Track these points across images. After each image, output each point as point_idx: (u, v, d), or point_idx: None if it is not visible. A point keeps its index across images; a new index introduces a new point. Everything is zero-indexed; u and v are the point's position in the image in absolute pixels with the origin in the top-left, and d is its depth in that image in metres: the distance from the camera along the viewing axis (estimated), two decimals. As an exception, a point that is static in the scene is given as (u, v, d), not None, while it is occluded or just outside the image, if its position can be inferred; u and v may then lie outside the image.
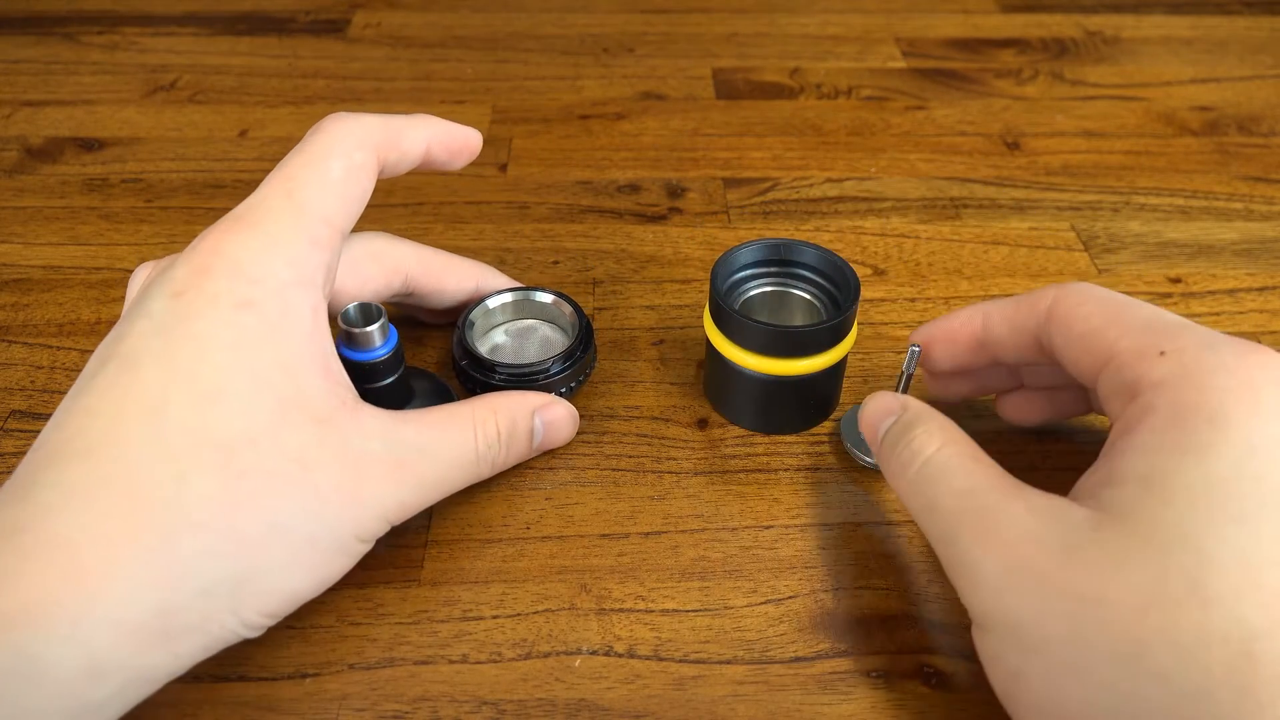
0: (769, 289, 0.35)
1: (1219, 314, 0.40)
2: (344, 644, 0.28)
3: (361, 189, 0.30)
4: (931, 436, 0.27)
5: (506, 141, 0.52)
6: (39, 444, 0.24)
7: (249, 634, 0.25)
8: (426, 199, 0.47)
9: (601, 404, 0.36)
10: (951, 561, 0.25)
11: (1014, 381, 0.33)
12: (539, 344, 0.36)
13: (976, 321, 0.30)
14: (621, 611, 0.29)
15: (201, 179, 0.48)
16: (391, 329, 0.30)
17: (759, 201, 0.47)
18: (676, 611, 0.29)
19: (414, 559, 0.30)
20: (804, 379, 0.32)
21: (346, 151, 0.29)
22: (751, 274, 0.35)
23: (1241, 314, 0.40)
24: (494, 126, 0.53)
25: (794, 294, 0.35)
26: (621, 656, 0.28)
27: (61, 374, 0.37)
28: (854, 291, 0.32)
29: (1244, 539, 0.20)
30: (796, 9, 0.67)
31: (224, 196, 0.47)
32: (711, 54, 0.61)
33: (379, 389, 0.31)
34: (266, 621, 0.25)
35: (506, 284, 0.36)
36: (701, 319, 0.40)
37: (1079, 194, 0.48)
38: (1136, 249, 0.44)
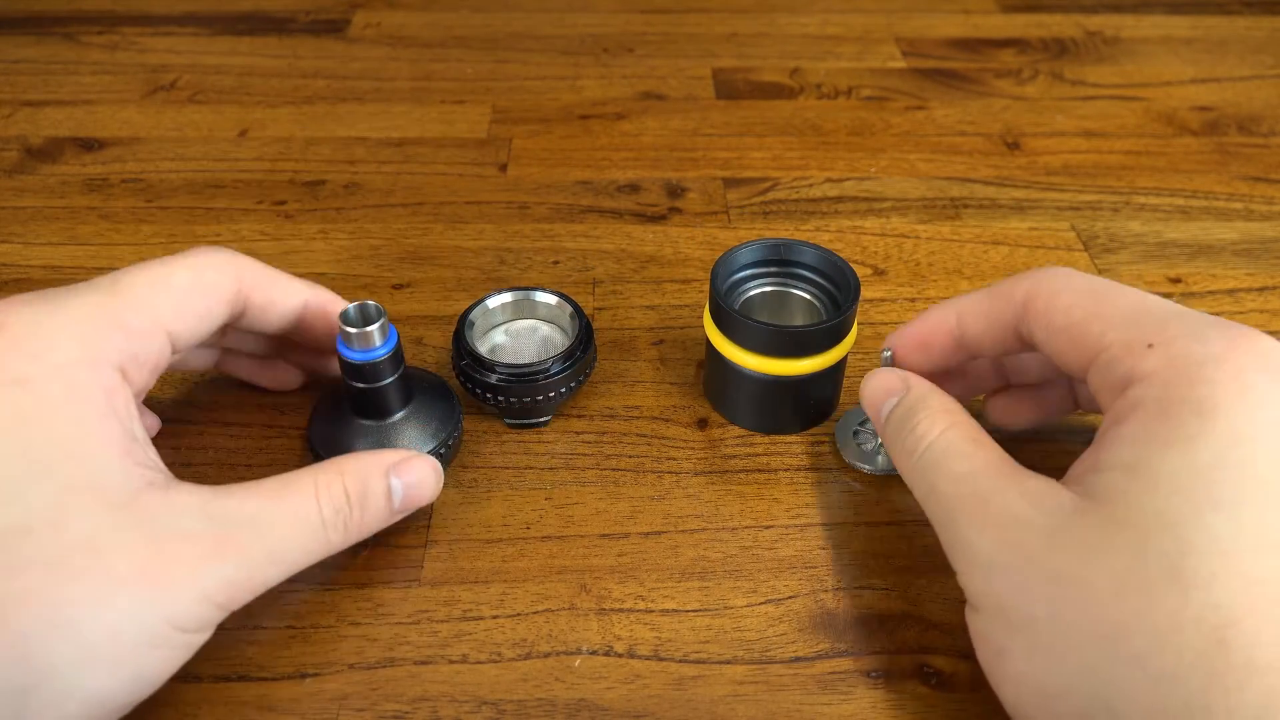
0: (769, 289, 0.35)
1: (1219, 314, 0.40)
2: (344, 644, 0.28)
3: (205, 306, 0.28)
4: (934, 421, 0.27)
5: (506, 141, 0.52)
6: None
7: None
8: (426, 199, 0.47)
9: (601, 404, 0.36)
10: (949, 543, 0.25)
11: (1000, 379, 0.33)
12: (539, 344, 0.36)
13: (950, 320, 0.29)
14: (621, 611, 0.29)
15: (201, 179, 0.48)
16: (391, 329, 0.30)
17: (759, 201, 0.47)
18: (676, 611, 0.29)
19: (414, 559, 0.30)
20: (804, 379, 0.32)
21: (198, 268, 0.28)
22: (751, 274, 0.35)
23: (1241, 314, 0.40)
24: (494, 126, 0.53)
25: (794, 294, 0.35)
26: (621, 656, 0.28)
27: (61, 374, 0.37)
28: (854, 292, 0.32)
29: (1224, 526, 0.20)
30: (796, 9, 0.67)
31: (224, 196, 0.47)
32: (711, 54, 0.61)
33: (379, 389, 0.31)
34: None
35: (335, 300, 0.32)
36: (701, 319, 0.40)
37: (1079, 194, 0.48)
38: (1136, 249, 0.44)
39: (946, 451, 0.26)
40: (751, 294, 0.35)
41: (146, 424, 0.33)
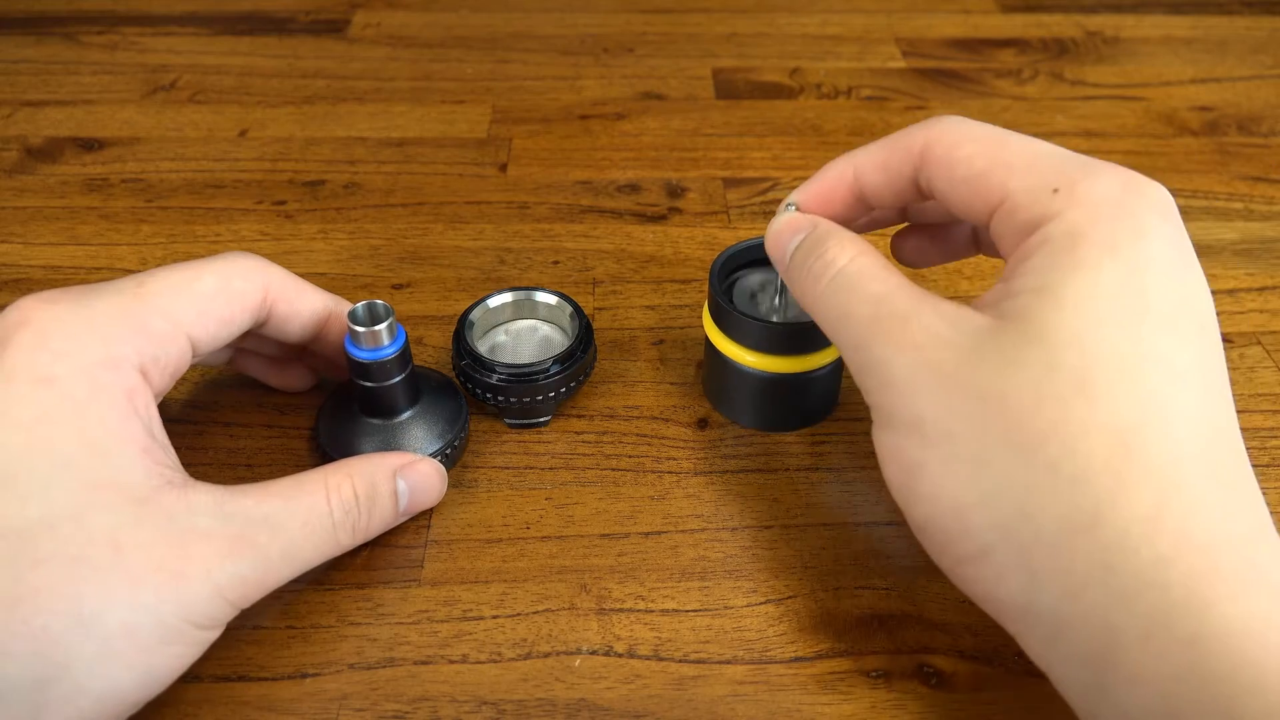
0: (766, 284, 0.35)
1: (1219, 314, 0.40)
2: (344, 644, 0.28)
3: (229, 313, 0.28)
4: (844, 248, 0.27)
5: (506, 141, 0.52)
6: None
7: None
8: (426, 199, 0.47)
9: (601, 404, 0.36)
10: (862, 365, 0.25)
11: (901, 221, 0.33)
12: (539, 344, 0.36)
13: (849, 174, 0.29)
14: (621, 611, 0.29)
15: (201, 179, 0.48)
16: (399, 328, 0.30)
17: (759, 201, 0.47)
18: (676, 611, 0.29)
19: (414, 559, 0.30)
20: (803, 376, 0.32)
21: (226, 275, 0.28)
22: (750, 272, 0.35)
23: (1241, 314, 0.40)
24: (494, 126, 0.53)
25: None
26: (621, 656, 0.28)
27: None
28: None
29: (1126, 342, 0.22)
30: (796, 9, 0.67)
31: (224, 196, 0.47)
32: (711, 54, 0.61)
33: (387, 388, 0.31)
34: None
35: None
36: (701, 319, 0.40)
37: (1079, 194, 0.48)
38: (1136, 249, 0.44)
39: (860, 274, 0.26)
40: (748, 290, 0.35)
41: None
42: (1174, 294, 0.23)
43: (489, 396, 0.33)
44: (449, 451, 0.32)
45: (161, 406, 0.34)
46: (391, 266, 0.42)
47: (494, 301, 0.36)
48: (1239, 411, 0.23)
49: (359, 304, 0.30)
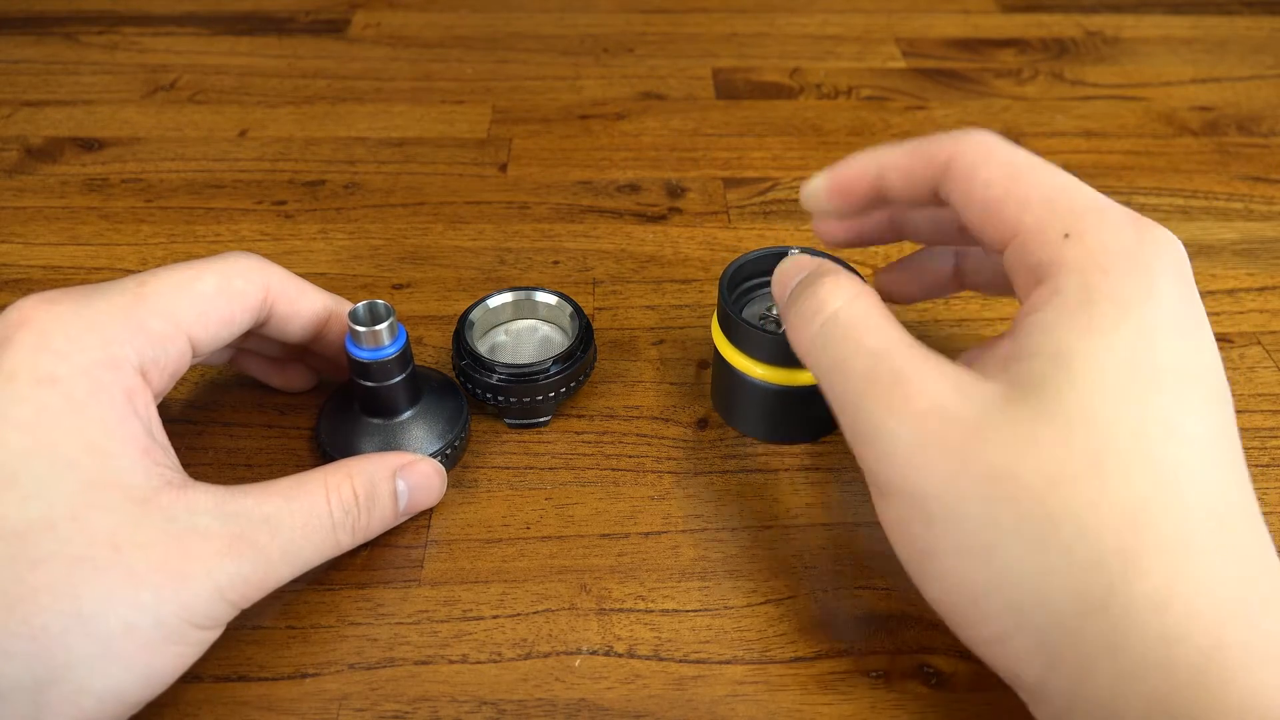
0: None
1: (1219, 314, 0.40)
2: (344, 644, 0.28)
3: (230, 314, 0.28)
4: (840, 288, 0.26)
5: (506, 141, 0.52)
6: None
7: None
8: (426, 199, 0.47)
9: (601, 404, 0.36)
10: (857, 429, 0.24)
11: (892, 233, 0.32)
12: (539, 344, 0.36)
13: (872, 172, 0.28)
14: (621, 611, 0.29)
15: (201, 179, 0.48)
16: (400, 328, 0.30)
17: (759, 201, 0.47)
18: (676, 611, 0.29)
19: (414, 559, 0.30)
20: (814, 389, 0.32)
21: (226, 275, 0.28)
22: (759, 283, 0.35)
23: (1241, 314, 0.40)
24: (494, 126, 0.53)
25: None
26: (621, 656, 0.28)
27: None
28: None
29: (1138, 414, 0.21)
30: (796, 9, 0.67)
31: (224, 196, 0.47)
32: (711, 54, 0.61)
33: (388, 388, 0.31)
34: None
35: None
36: (702, 319, 0.40)
37: (1079, 194, 0.48)
38: (1136, 249, 0.44)
39: (855, 323, 0.25)
40: (757, 303, 0.35)
41: None
42: (1185, 358, 0.22)
43: (489, 396, 0.33)
44: (449, 452, 0.32)
45: (161, 407, 0.34)
46: (391, 266, 0.42)
47: (494, 301, 0.36)
48: (1239, 411, 0.23)
49: (360, 304, 0.30)
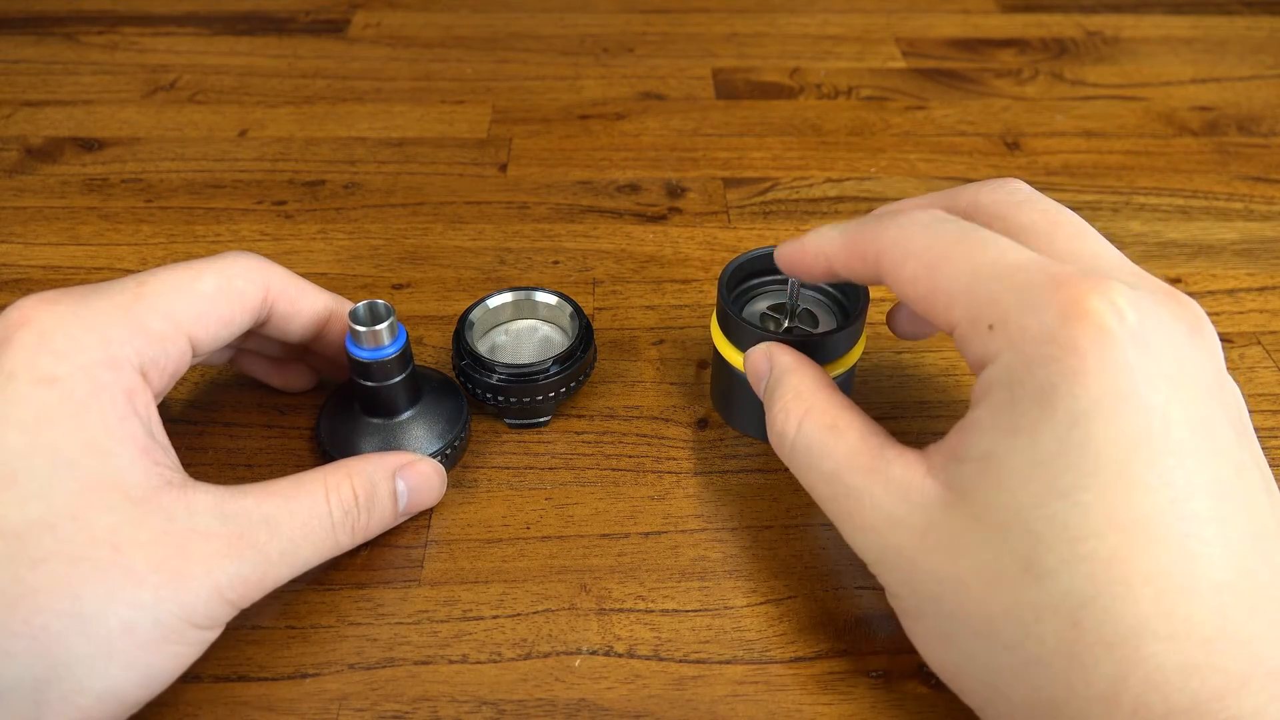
0: (777, 299, 0.35)
1: (1219, 314, 0.40)
2: (344, 644, 0.28)
3: (229, 313, 0.28)
4: (790, 411, 0.27)
5: (506, 141, 0.52)
6: None
7: None
8: (426, 199, 0.47)
9: (601, 404, 0.36)
10: (842, 536, 0.26)
11: None
12: (539, 344, 0.36)
13: (822, 261, 0.28)
14: (621, 611, 0.29)
15: (201, 179, 0.48)
16: (400, 328, 0.30)
17: (759, 201, 0.47)
18: (676, 611, 0.29)
19: (414, 559, 0.30)
20: None
21: (227, 275, 0.28)
22: (758, 283, 0.35)
23: (1241, 314, 0.40)
24: (494, 126, 0.53)
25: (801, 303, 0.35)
26: (621, 656, 0.28)
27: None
28: (863, 299, 0.32)
29: (1069, 513, 0.21)
30: (796, 9, 0.67)
31: (224, 196, 0.47)
32: (711, 54, 0.61)
33: (388, 388, 0.31)
34: None
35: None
36: (701, 319, 0.40)
37: (1079, 194, 0.48)
38: (1136, 249, 0.44)
39: (809, 449, 0.26)
40: (757, 303, 0.35)
41: None
42: (1122, 438, 0.21)
43: (489, 396, 0.33)
44: (449, 452, 0.32)
45: (162, 407, 0.34)
46: (391, 266, 0.42)
47: (494, 301, 0.36)
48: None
49: (360, 303, 0.30)
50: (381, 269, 0.42)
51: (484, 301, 0.36)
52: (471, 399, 0.34)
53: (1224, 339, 0.39)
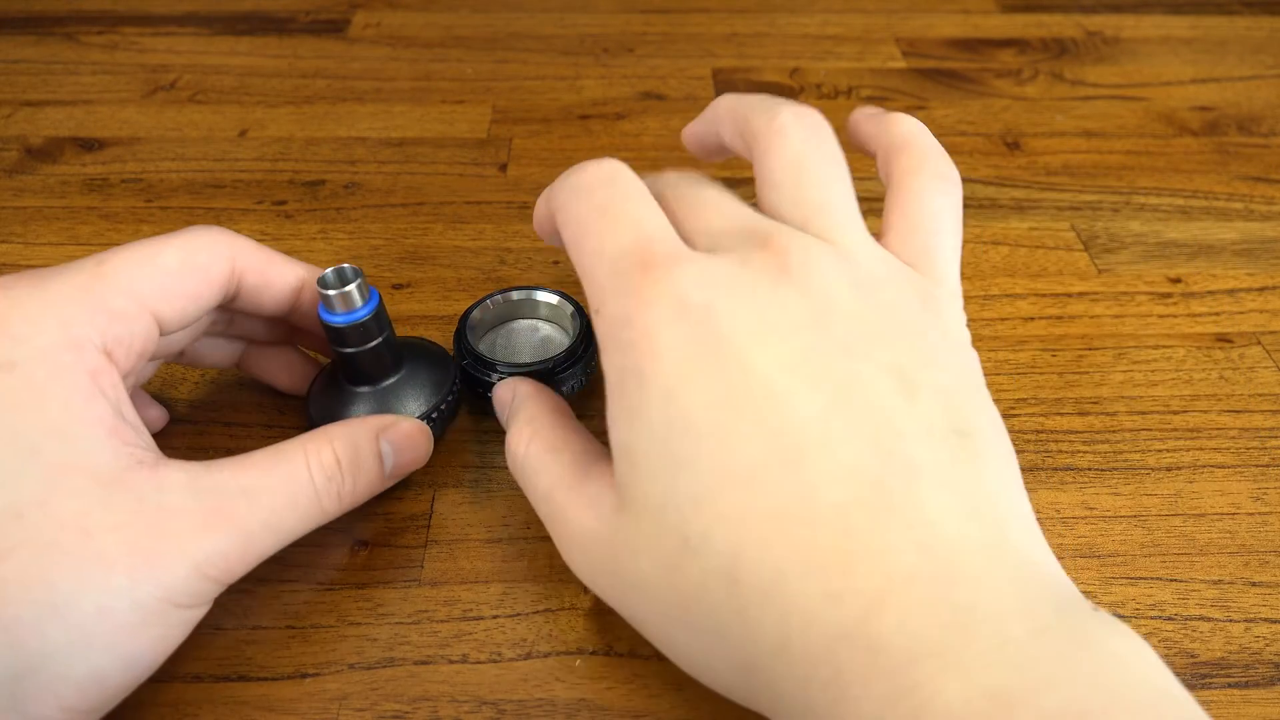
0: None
1: (1219, 314, 0.40)
2: (344, 644, 0.28)
3: (195, 288, 0.27)
4: (520, 435, 0.28)
5: (506, 141, 0.52)
6: None
7: None
8: (426, 199, 0.47)
9: (602, 404, 0.36)
10: None
11: None
12: (539, 344, 0.36)
13: (545, 226, 0.28)
14: (622, 611, 0.29)
15: (201, 179, 0.48)
16: (373, 290, 0.30)
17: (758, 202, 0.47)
18: (677, 611, 0.29)
19: (414, 559, 0.30)
20: None
21: (189, 249, 0.28)
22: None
23: (1241, 314, 0.40)
24: (494, 126, 0.53)
25: None
26: (622, 656, 0.28)
27: (61, 374, 0.37)
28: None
29: (693, 482, 0.21)
30: (796, 9, 0.67)
31: (224, 196, 0.47)
32: (711, 54, 0.61)
33: (367, 352, 0.30)
34: (73, 717, 0.22)
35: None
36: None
37: (1079, 194, 0.48)
38: (1136, 249, 0.44)
39: (533, 469, 0.27)
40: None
41: (152, 415, 0.33)
42: (713, 399, 0.21)
43: (490, 396, 0.33)
44: (435, 415, 0.32)
45: (166, 406, 0.35)
46: (391, 266, 0.42)
47: (494, 301, 0.36)
48: (1238, 411, 0.23)
49: (328, 269, 0.29)
50: (381, 269, 0.42)
51: (484, 301, 0.36)
52: (471, 399, 0.34)
53: (1224, 339, 0.39)
